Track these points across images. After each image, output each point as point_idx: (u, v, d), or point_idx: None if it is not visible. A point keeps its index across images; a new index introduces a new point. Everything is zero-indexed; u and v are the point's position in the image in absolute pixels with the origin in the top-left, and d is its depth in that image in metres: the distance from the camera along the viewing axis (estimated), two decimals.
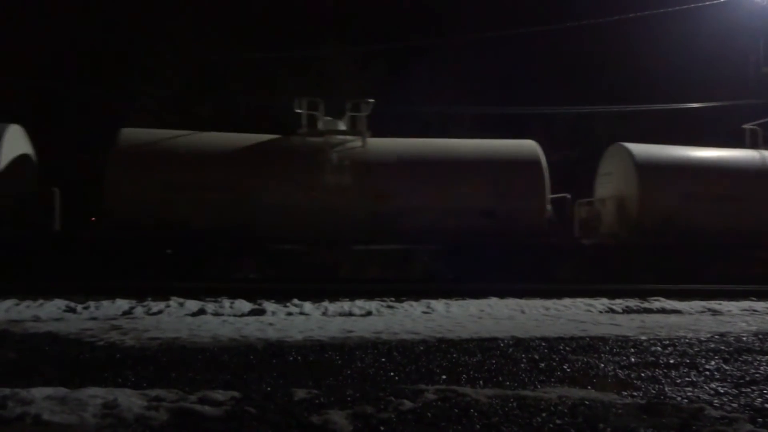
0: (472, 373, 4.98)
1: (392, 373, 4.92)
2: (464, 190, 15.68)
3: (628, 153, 17.26)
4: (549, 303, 10.21)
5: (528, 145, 16.72)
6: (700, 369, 5.23)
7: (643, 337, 6.97)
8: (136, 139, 15.58)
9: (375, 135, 16.11)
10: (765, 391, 4.43)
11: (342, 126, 16.09)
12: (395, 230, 15.14)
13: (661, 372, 5.11)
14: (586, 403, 3.98)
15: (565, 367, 5.26)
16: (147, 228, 14.40)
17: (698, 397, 4.28)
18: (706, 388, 4.56)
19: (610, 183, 17.94)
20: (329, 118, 16.15)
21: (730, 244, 16.79)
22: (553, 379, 4.79)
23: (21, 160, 15.84)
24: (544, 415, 3.69)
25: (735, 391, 4.43)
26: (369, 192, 15.37)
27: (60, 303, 9.01)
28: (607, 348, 6.24)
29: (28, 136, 16.26)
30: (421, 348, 6.08)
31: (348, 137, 15.89)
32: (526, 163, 16.17)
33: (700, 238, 16.43)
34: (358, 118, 15.97)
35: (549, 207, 16.22)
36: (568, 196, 17.10)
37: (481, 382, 4.67)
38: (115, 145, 15.25)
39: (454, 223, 15.16)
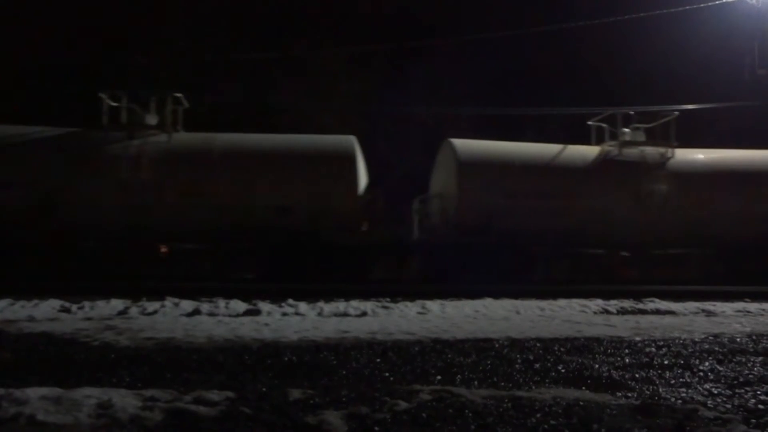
0: (467, 373, 4.98)
1: (387, 374, 4.92)
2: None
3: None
4: (544, 304, 10.24)
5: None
6: (695, 370, 5.25)
7: (638, 338, 6.99)
8: (471, 151, 16.35)
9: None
10: (759, 392, 4.45)
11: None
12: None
13: (655, 373, 5.12)
14: (581, 403, 3.98)
15: (559, 367, 5.27)
16: (493, 234, 15.13)
17: (692, 397, 4.29)
18: (700, 389, 4.57)
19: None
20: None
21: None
22: (547, 380, 4.80)
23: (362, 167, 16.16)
24: (538, 415, 3.70)
25: (729, 392, 4.45)
26: None
27: (55, 303, 8.99)
28: (602, 349, 6.26)
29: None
30: (417, 348, 6.08)
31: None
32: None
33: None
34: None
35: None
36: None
37: (476, 382, 4.67)
38: (457, 158, 15.97)
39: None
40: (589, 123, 18.59)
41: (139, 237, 14.90)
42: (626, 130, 17.91)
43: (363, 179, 16.10)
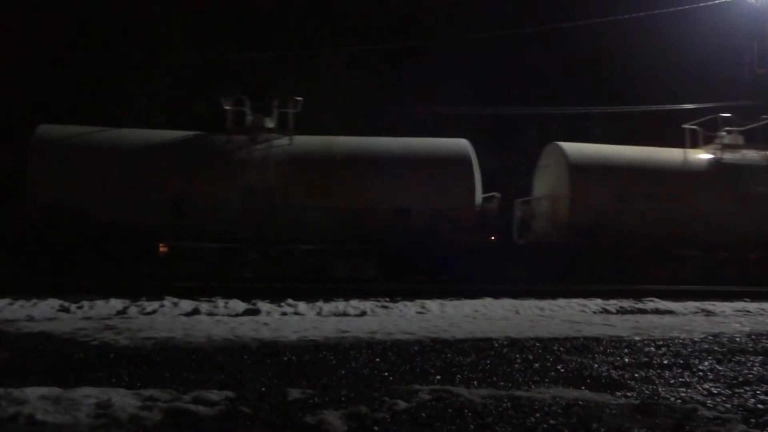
0: (466, 373, 4.98)
1: (387, 373, 4.92)
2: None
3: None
4: (543, 303, 10.24)
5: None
6: (694, 369, 5.25)
7: (637, 338, 6.99)
8: (580, 154, 16.72)
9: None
10: (758, 392, 4.45)
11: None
12: None
13: (654, 372, 5.12)
14: (580, 403, 3.98)
15: (559, 367, 5.27)
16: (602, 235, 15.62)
17: (692, 397, 4.29)
18: (700, 388, 4.57)
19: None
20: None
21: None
22: (547, 380, 4.79)
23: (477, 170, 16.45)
24: (538, 415, 3.70)
25: (728, 392, 4.45)
26: None
27: (54, 302, 8.97)
28: (601, 348, 6.26)
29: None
30: (416, 348, 6.08)
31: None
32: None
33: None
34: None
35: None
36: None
37: (475, 382, 4.67)
38: (568, 161, 16.40)
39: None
40: (685, 126, 18.86)
41: (262, 238, 15.30)
42: (723, 133, 18.31)
43: (479, 182, 16.37)
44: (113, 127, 16.93)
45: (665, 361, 5.59)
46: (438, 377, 4.81)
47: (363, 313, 8.95)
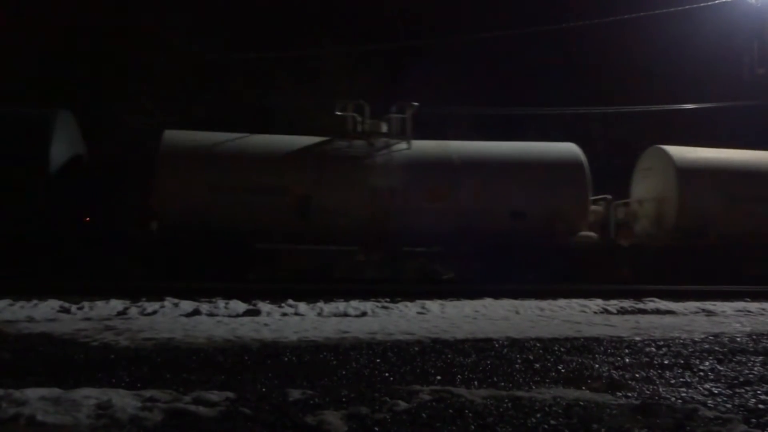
0: (466, 373, 4.98)
1: (387, 374, 4.92)
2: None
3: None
4: (544, 304, 10.23)
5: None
6: (695, 369, 5.25)
7: (638, 338, 6.98)
8: (686, 157, 16.97)
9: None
10: (759, 392, 4.44)
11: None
12: None
13: (655, 372, 5.12)
14: (581, 403, 3.98)
15: (559, 367, 5.26)
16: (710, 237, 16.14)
17: (692, 397, 4.29)
18: (701, 388, 4.57)
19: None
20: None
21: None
22: (547, 380, 4.79)
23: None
24: (538, 415, 3.69)
25: (729, 392, 4.44)
26: None
27: (54, 303, 8.96)
28: (602, 349, 6.26)
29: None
30: (416, 348, 6.08)
31: None
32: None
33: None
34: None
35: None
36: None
37: (475, 382, 4.67)
38: (675, 164, 16.75)
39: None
40: None
41: (384, 240, 15.65)
42: None
43: (590, 185, 16.66)
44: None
45: (666, 362, 5.59)
46: (438, 378, 4.81)
47: (363, 314, 8.95)
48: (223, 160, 15.26)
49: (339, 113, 16.24)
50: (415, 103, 16.59)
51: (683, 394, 4.37)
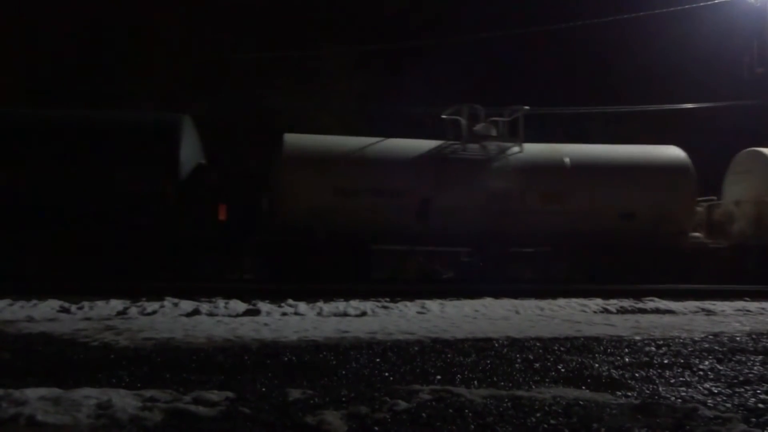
0: (466, 373, 4.98)
1: (387, 374, 4.92)
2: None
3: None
4: (544, 303, 10.23)
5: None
6: (694, 369, 5.25)
7: (638, 337, 6.99)
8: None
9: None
10: (758, 391, 4.45)
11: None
12: None
13: (655, 372, 5.12)
14: (581, 403, 3.98)
15: (559, 367, 5.27)
16: None
17: (692, 397, 4.29)
18: (700, 388, 4.57)
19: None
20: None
21: None
22: (547, 380, 4.80)
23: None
24: (538, 415, 3.70)
25: (729, 391, 4.45)
26: None
27: (54, 303, 8.97)
28: (602, 348, 6.26)
29: None
30: (416, 348, 6.08)
31: None
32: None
33: None
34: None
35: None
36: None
37: (475, 382, 4.67)
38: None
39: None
40: None
41: (498, 241, 16.10)
42: None
43: (696, 188, 17.17)
44: None
45: (666, 361, 5.60)
46: (438, 377, 4.81)
47: (363, 314, 8.95)
48: (346, 164, 15.83)
49: (453, 117, 16.80)
50: (526, 107, 17.09)
51: (683, 394, 4.37)
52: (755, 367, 5.34)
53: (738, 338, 7.08)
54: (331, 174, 15.54)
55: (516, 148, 16.54)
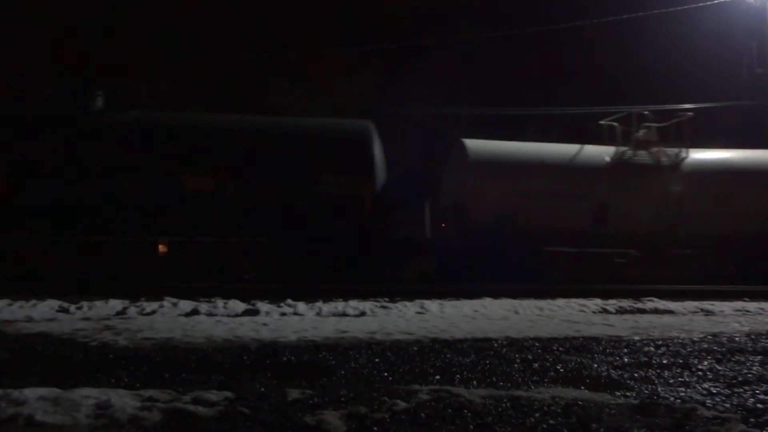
0: (465, 373, 4.98)
1: (386, 374, 4.92)
2: None
3: None
4: (543, 303, 10.23)
5: None
6: (693, 369, 5.25)
7: (636, 338, 6.99)
8: None
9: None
10: (757, 391, 4.45)
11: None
12: None
13: (654, 372, 5.13)
14: (580, 403, 3.99)
15: (558, 367, 5.27)
16: None
17: (691, 397, 4.29)
18: (699, 388, 4.57)
19: None
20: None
21: None
22: (546, 380, 4.80)
23: None
24: (537, 415, 3.70)
25: (727, 391, 4.45)
26: None
27: (53, 303, 8.96)
28: (601, 348, 6.26)
29: None
30: (415, 348, 6.08)
31: None
32: None
33: None
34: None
35: None
36: None
37: (474, 382, 4.67)
38: None
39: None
40: None
41: (668, 243, 16.57)
42: None
43: None
44: None
45: (664, 361, 5.60)
46: (437, 377, 4.82)
47: (362, 314, 8.95)
48: (529, 168, 16.48)
49: (610, 123, 17.39)
50: (690, 113, 17.64)
51: (682, 394, 4.38)
52: (754, 368, 5.34)
53: (737, 338, 7.08)
54: (516, 177, 16.33)
55: (684, 153, 17.10)
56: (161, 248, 14.53)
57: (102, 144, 14.77)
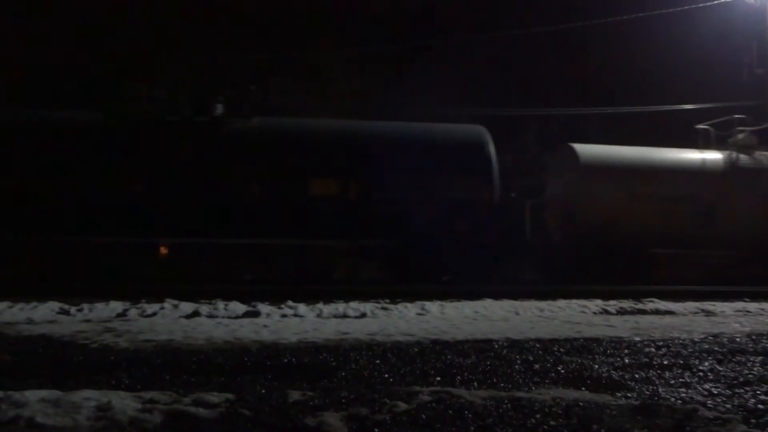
0: (466, 374, 4.98)
1: (387, 375, 4.92)
2: None
3: None
4: (543, 304, 10.24)
5: None
6: (694, 370, 5.25)
7: (637, 338, 6.99)
8: None
9: None
10: (758, 392, 4.45)
11: None
12: None
13: (654, 373, 5.12)
14: (581, 404, 3.98)
15: (559, 368, 5.27)
16: None
17: (692, 398, 4.29)
18: (700, 389, 4.57)
19: None
20: None
21: None
22: (547, 381, 4.80)
23: None
24: (538, 416, 3.70)
25: (728, 392, 4.45)
26: None
27: (54, 305, 8.96)
28: (601, 349, 6.26)
29: None
30: (416, 349, 6.08)
31: None
32: None
33: None
34: None
35: None
36: None
37: (475, 383, 4.67)
38: None
39: None
40: None
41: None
42: None
43: None
44: None
45: (665, 362, 5.60)
46: (438, 379, 4.81)
47: (363, 315, 8.95)
48: (639, 171, 16.92)
49: (704, 127, 17.96)
50: (744, 116, 18.18)
51: (683, 395, 4.38)
52: (755, 368, 5.34)
53: (738, 339, 7.08)
54: (626, 181, 16.66)
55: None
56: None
57: (229, 148, 15.34)
